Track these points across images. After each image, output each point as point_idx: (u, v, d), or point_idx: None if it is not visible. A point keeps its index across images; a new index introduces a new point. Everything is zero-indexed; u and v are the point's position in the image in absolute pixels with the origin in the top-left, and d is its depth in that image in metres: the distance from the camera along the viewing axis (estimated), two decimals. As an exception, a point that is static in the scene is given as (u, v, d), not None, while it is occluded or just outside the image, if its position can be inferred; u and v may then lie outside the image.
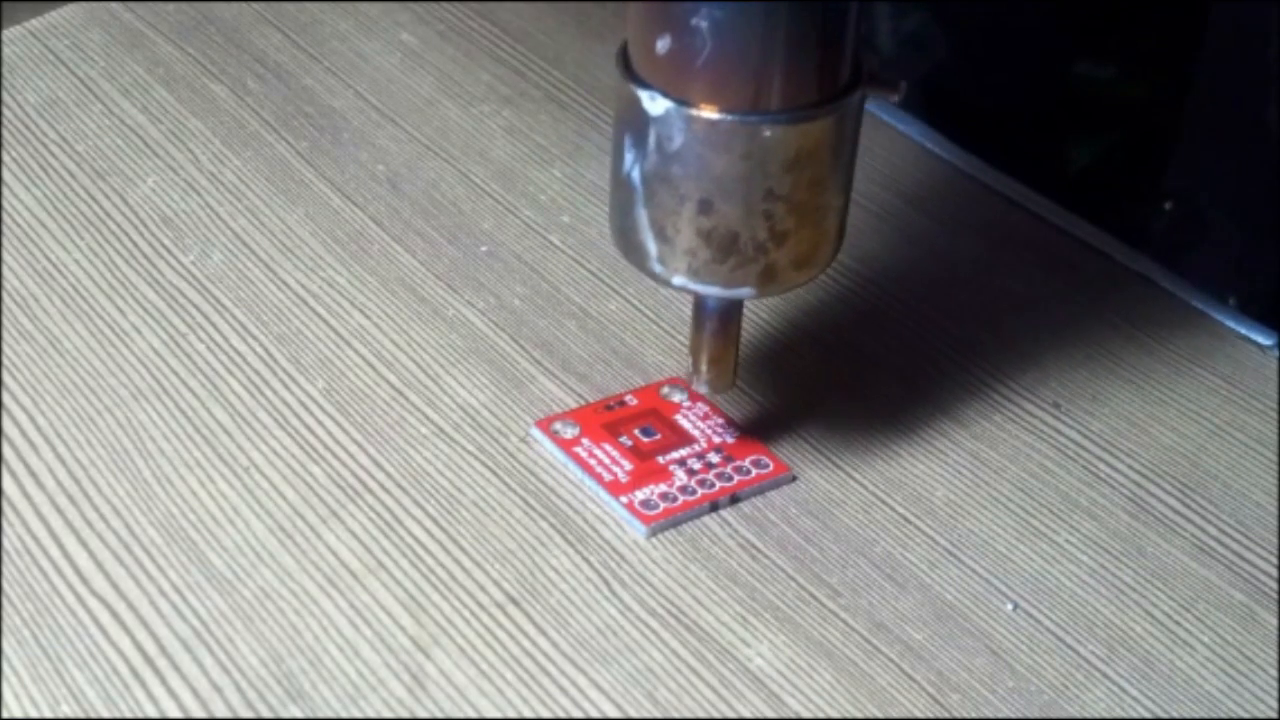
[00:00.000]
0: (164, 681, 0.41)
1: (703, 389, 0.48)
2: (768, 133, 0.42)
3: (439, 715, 0.40)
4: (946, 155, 0.62)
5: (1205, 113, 0.55)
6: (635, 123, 0.43)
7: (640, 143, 0.43)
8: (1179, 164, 0.56)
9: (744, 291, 0.45)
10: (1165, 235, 0.57)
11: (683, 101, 0.42)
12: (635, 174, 0.44)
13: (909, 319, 0.54)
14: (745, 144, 0.42)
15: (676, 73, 0.42)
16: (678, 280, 0.45)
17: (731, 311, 0.47)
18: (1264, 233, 0.54)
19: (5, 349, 0.50)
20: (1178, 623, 0.45)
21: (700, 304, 0.46)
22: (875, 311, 0.55)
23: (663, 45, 0.42)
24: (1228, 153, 0.55)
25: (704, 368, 0.47)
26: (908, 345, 0.53)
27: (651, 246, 0.45)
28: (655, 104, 0.43)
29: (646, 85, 0.43)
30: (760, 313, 0.54)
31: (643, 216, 0.44)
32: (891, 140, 0.62)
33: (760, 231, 0.44)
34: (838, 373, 0.52)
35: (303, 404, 0.49)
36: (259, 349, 0.51)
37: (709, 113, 0.42)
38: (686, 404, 0.50)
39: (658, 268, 0.45)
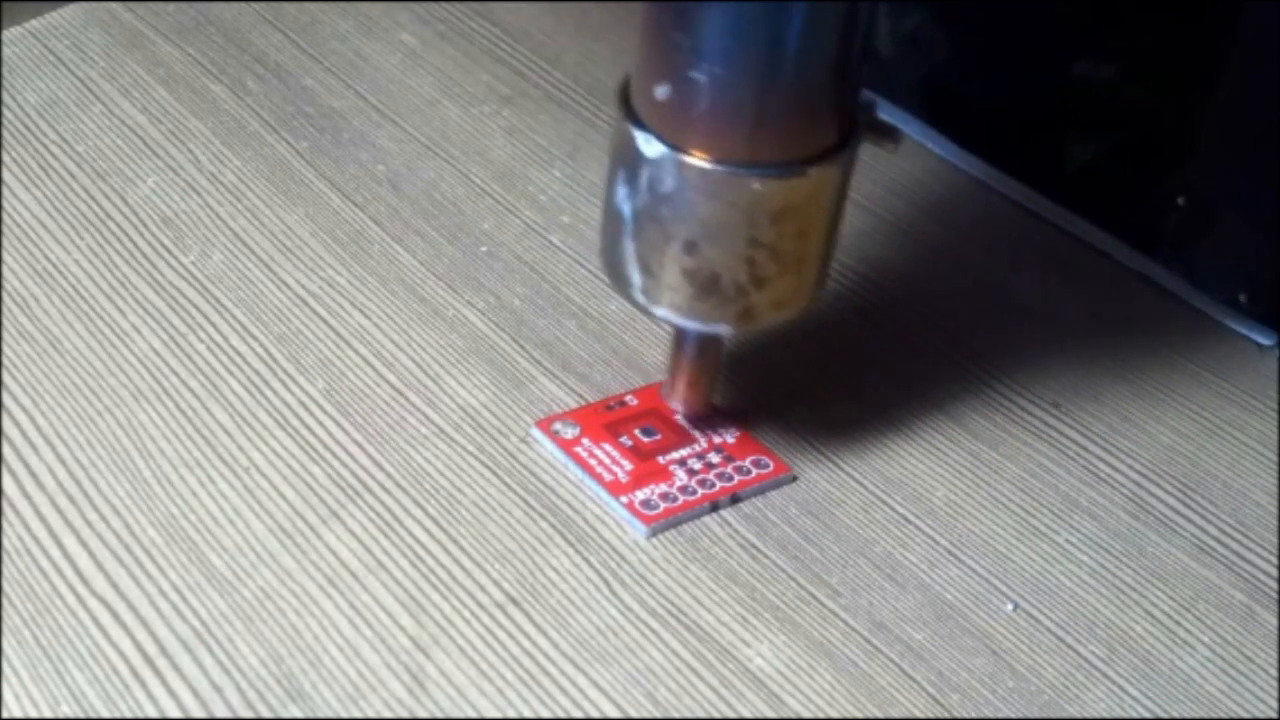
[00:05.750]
0: (164, 681, 0.41)
1: (676, 406, 0.49)
2: (757, 185, 0.43)
3: (439, 715, 0.40)
4: (947, 155, 0.62)
5: (1216, 112, 0.55)
6: (630, 160, 0.44)
7: (633, 180, 0.44)
8: (1189, 163, 0.56)
9: (721, 328, 0.46)
10: (1172, 234, 0.57)
11: (677, 147, 0.43)
12: (626, 208, 0.44)
13: (908, 318, 0.54)
14: (734, 194, 0.43)
15: (673, 119, 0.43)
16: (660, 312, 0.46)
17: (710, 342, 0.48)
18: (1273, 232, 0.54)
19: (5, 349, 0.50)
20: (1178, 623, 0.45)
21: (681, 329, 0.47)
22: (875, 311, 0.55)
23: (662, 92, 0.43)
24: (1238, 152, 0.55)
25: (681, 389, 0.49)
26: (907, 344, 0.53)
27: (636, 278, 0.45)
28: (650, 146, 0.43)
29: (644, 126, 0.43)
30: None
31: (629, 249, 0.45)
32: (891, 140, 0.62)
33: (741, 275, 0.44)
34: (838, 373, 0.52)
35: (303, 404, 0.49)
36: (259, 349, 0.51)
37: (701, 161, 0.43)
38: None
39: (641, 298, 0.46)
